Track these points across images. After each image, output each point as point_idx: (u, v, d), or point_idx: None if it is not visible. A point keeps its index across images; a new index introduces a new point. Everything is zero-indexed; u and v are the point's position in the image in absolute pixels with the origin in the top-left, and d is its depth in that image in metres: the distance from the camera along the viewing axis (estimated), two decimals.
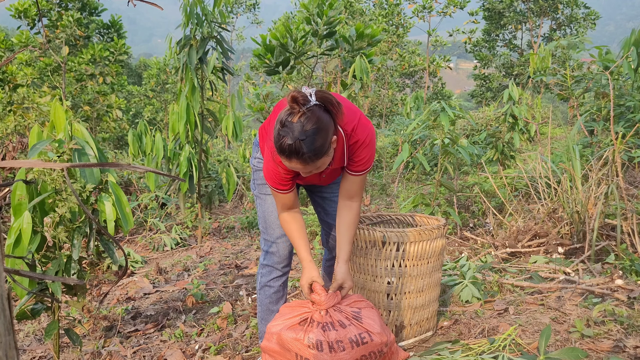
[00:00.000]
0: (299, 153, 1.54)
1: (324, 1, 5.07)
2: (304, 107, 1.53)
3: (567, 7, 18.14)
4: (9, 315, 0.55)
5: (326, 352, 1.69)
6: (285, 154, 1.56)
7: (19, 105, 6.87)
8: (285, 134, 1.53)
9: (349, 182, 1.85)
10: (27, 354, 2.64)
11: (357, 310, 1.81)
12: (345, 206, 1.88)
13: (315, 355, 1.70)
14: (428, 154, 4.99)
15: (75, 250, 2.02)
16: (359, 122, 1.74)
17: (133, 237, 5.21)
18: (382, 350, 1.76)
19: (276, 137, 1.56)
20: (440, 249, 2.15)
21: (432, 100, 14.91)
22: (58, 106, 2.08)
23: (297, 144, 1.52)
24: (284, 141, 1.53)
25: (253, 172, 2.12)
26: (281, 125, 1.54)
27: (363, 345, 1.71)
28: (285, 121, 1.54)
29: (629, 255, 2.71)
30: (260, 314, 2.12)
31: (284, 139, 1.53)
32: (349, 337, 1.71)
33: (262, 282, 2.09)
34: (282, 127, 1.54)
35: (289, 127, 1.53)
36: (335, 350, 1.69)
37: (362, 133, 1.74)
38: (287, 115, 1.54)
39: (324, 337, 1.71)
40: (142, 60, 23.23)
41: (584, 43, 5.93)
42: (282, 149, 1.55)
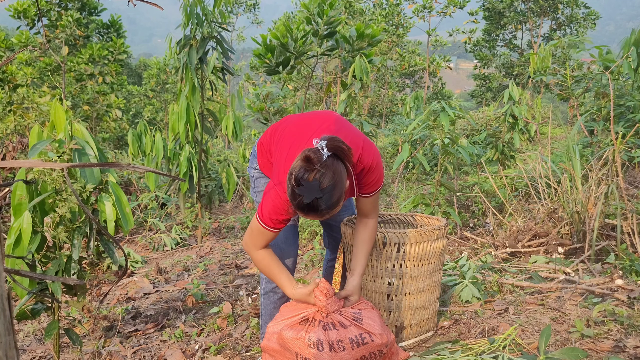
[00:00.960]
0: (317, 210, 1.55)
1: (325, 1, 5.07)
2: (318, 164, 1.52)
3: (567, 7, 18.13)
4: (9, 315, 0.55)
5: (326, 351, 1.69)
6: (303, 211, 1.57)
7: (19, 105, 6.87)
8: (302, 193, 1.52)
9: (362, 203, 1.87)
10: (27, 354, 2.64)
11: (358, 311, 1.81)
12: (361, 223, 1.92)
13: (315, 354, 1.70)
14: (428, 154, 4.99)
15: (75, 250, 2.02)
16: (363, 149, 1.75)
17: (133, 237, 5.21)
18: (383, 350, 1.76)
19: (291, 195, 1.55)
20: (440, 250, 2.14)
21: (432, 100, 14.92)
22: (58, 106, 2.08)
23: (314, 202, 1.53)
24: (301, 200, 1.53)
25: (252, 180, 2.11)
26: (296, 184, 1.53)
27: (363, 346, 1.71)
28: (301, 180, 1.52)
29: (629, 255, 2.71)
30: (263, 317, 2.12)
31: (300, 198, 1.53)
32: (350, 337, 1.71)
33: (266, 288, 2.09)
34: (297, 186, 1.53)
35: (305, 186, 1.52)
36: (336, 350, 1.69)
37: (367, 159, 1.75)
38: (303, 173, 1.52)
39: (324, 337, 1.71)
40: (142, 60, 23.23)
41: (584, 43, 5.93)
42: (300, 207, 1.56)
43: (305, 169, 1.53)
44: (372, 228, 1.91)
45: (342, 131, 1.76)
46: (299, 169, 1.54)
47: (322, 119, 1.85)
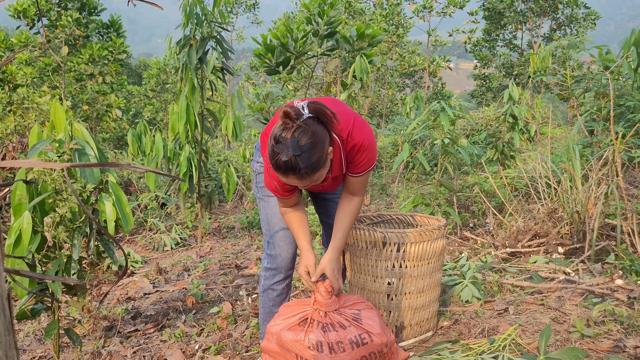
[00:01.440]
0: (296, 169, 1.51)
1: (325, 1, 5.07)
2: (297, 121, 1.50)
3: (567, 7, 18.13)
4: (9, 315, 0.55)
5: (326, 353, 1.69)
6: (281, 170, 1.52)
7: (19, 105, 6.87)
8: (280, 151, 1.50)
9: (350, 182, 1.84)
10: (27, 354, 2.64)
11: (357, 311, 1.81)
12: (346, 198, 1.88)
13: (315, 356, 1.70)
14: (428, 154, 4.99)
15: (76, 250, 2.02)
16: (354, 126, 1.71)
17: (133, 237, 5.21)
18: (382, 350, 1.76)
19: (271, 153, 1.53)
20: (440, 250, 2.14)
21: (432, 100, 14.92)
22: (58, 106, 2.08)
23: (292, 160, 1.49)
24: (279, 158, 1.50)
25: (255, 175, 2.11)
26: (275, 141, 1.51)
27: (363, 346, 1.71)
28: (279, 137, 1.50)
29: (629, 255, 2.71)
30: (262, 315, 2.12)
31: (278, 156, 1.50)
32: (349, 337, 1.71)
33: (265, 285, 2.09)
34: (276, 144, 1.51)
35: (283, 143, 1.49)
36: (336, 351, 1.69)
37: (358, 137, 1.71)
38: (281, 131, 1.51)
39: (324, 338, 1.71)
40: (142, 60, 23.23)
41: (584, 43, 5.93)
42: (277, 166, 1.52)
43: (283, 127, 1.51)
44: (356, 203, 1.87)
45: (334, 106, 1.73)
46: (278, 127, 1.52)
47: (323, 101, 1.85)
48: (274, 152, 1.52)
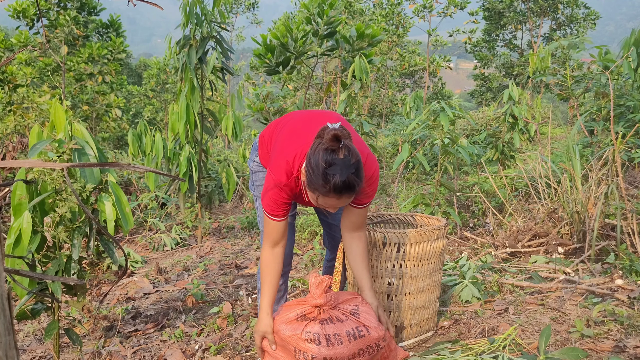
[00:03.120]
0: (353, 186, 1.54)
1: (325, 1, 5.07)
2: (344, 140, 1.54)
3: (567, 7, 18.13)
4: (9, 315, 0.55)
5: (324, 345, 1.70)
6: (338, 191, 1.54)
7: (19, 105, 6.87)
8: (335, 172, 1.52)
9: (354, 214, 1.85)
10: (27, 354, 2.64)
11: (355, 307, 1.82)
12: (353, 238, 1.89)
13: (313, 348, 1.71)
14: (428, 154, 4.99)
15: (75, 250, 2.02)
16: (367, 157, 1.75)
17: (133, 237, 5.21)
18: (379, 344, 1.76)
19: (323, 178, 1.53)
20: (440, 250, 2.14)
21: (432, 100, 14.91)
22: (58, 106, 2.08)
23: (350, 178, 1.53)
24: (336, 180, 1.52)
25: (252, 173, 2.14)
26: (327, 164, 1.52)
27: (360, 339, 1.71)
28: (331, 160, 1.52)
29: (629, 255, 2.71)
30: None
31: (335, 178, 1.52)
32: (346, 330, 1.72)
33: None
34: (329, 167, 1.52)
35: (337, 164, 1.52)
36: (333, 344, 1.69)
37: (370, 168, 1.75)
38: (331, 154, 1.53)
39: (321, 331, 1.72)
40: (142, 60, 23.23)
41: (584, 43, 5.93)
42: (336, 188, 1.53)
43: (332, 149, 1.53)
44: (365, 241, 1.91)
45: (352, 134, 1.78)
46: (325, 150, 1.53)
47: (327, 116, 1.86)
48: (327, 175, 1.52)
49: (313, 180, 1.56)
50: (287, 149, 1.74)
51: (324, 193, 1.56)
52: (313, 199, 1.64)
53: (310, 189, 1.61)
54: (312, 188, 1.58)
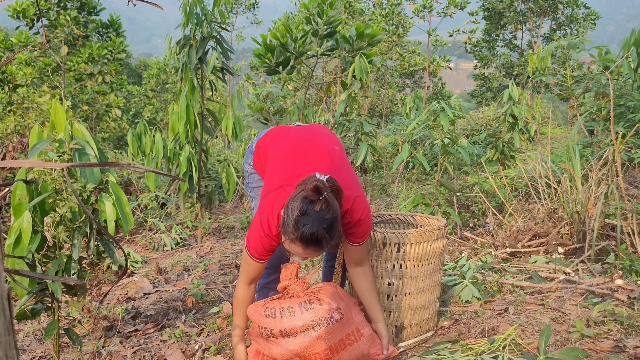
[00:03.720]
0: (320, 241, 1.54)
1: (324, 1, 5.07)
2: (324, 194, 1.54)
3: (567, 7, 18.13)
4: (9, 315, 0.55)
5: (278, 318, 1.77)
6: (304, 242, 1.55)
7: (19, 105, 6.87)
8: (307, 222, 1.52)
9: (353, 251, 1.88)
10: (27, 354, 2.64)
11: (319, 288, 1.87)
12: (357, 273, 1.92)
13: (268, 322, 1.79)
14: (428, 154, 4.99)
15: (76, 250, 2.02)
16: (354, 204, 1.75)
17: (133, 237, 5.21)
18: (333, 316, 1.77)
19: (293, 225, 1.54)
20: (440, 250, 2.14)
21: (432, 100, 14.91)
22: (58, 106, 2.08)
23: (319, 232, 1.53)
24: (305, 230, 1.53)
25: (246, 175, 2.15)
26: (301, 213, 1.53)
27: (311, 310, 1.76)
28: (306, 210, 1.53)
29: (629, 255, 2.71)
30: None
31: (305, 228, 1.53)
32: (299, 302, 1.79)
33: (260, 284, 2.12)
34: (302, 216, 1.53)
35: (311, 215, 1.52)
36: (285, 314, 1.77)
37: (356, 214, 1.76)
38: (308, 204, 1.53)
39: (277, 305, 1.81)
40: (142, 60, 23.23)
41: (584, 43, 5.93)
42: (303, 237, 1.54)
43: (311, 199, 1.53)
44: (370, 275, 1.93)
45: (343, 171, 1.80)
46: (304, 199, 1.54)
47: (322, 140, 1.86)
48: (298, 223, 1.53)
49: (285, 223, 1.57)
50: (277, 197, 1.72)
51: (291, 239, 1.57)
52: (282, 241, 1.65)
53: (281, 231, 1.62)
54: (282, 231, 1.60)
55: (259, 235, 1.73)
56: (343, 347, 1.80)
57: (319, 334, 1.75)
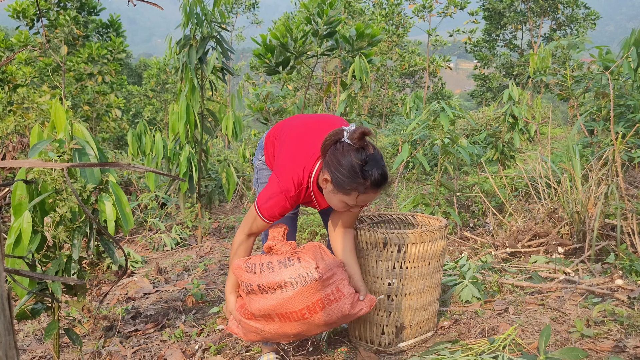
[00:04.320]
0: (387, 177, 1.66)
1: (324, 1, 5.07)
2: (366, 139, 1.64)
3: (567, 7, 18.13)
4: (9, 315, 0.55)
5: (257, 272, 1.79)
6: (377, 185, 1.64)
7: (19, 105, 6.87)
8: (372, 167, 1.61)
9: (349, 216, 1.94)
10: (27, 354, 2.64)
11: (302, 248, 1.90)
12: (346, 233, 1.98)
13: (248, 277, 1.82)
14: (428, 154, 4.99)
15: (76, 250, 2.02)
16: None
17: (133, 237, 5.21)
18: (311, 274, 1.75)
19: (362, 176, 1.61)
20: (441, 250, 2.14)
21: (432, 100, 14.91)
22: (58, 106, 2.08)
23: (384, 170, 1.65)
24: (375, 175, 1.62)
25: (256, 170, 2.17)
26: (364, 162, 1.61)
27: (290, 267, 1.77)
28: (365, 157, 1.61)
29: (629, 255, 2.71)
30: None
31: (374, 173, 1.61)
32: (278, 259, 1.81)
33: None
34: (366, 164, 1.61)
35: (371, 160, 1.62)
36: (264, 270, 1.79)
37: None
38: (362, 152, 1.62)
39: (258, 261, 1.83)
40: (142, 60, 23.24)
41: (584, 43, 5.93)
42: (375, 182, 1.62)
43: (362, 147, 1.63)
44: (353, 237, 2.03)
45: None
46: (357, 150, 1.62)
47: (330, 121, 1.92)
48: (365, 172, 1.61)
49: (348, 181, 1.62)
50: (295, 160, 1.78)
51: (363, 191, 1.63)
52: (343, 201, 1.69)
53: (343, 192, 1.66)
54: (347, 190, 1.64)
55: (273, 194, 1.77)
56: (321, 307, 1.77)
57: (296, 292, 1.73)
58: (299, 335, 1.85)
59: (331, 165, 1.65)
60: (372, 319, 2.12)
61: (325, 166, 1.69)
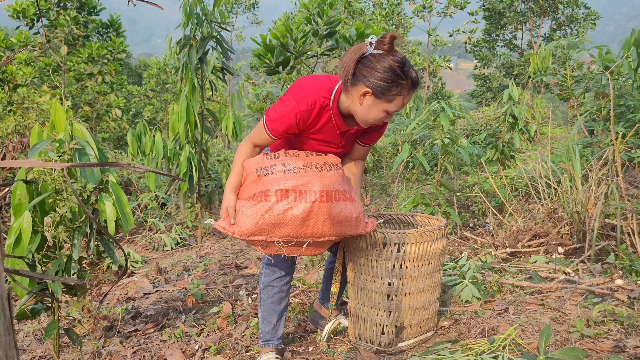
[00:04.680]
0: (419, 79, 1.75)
1: (324, 1, 5.07)
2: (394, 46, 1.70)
3: (567, 7, 18.14)
4: (9, 315, 0.55)
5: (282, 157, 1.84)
6: (415, 84, 1.71)
7: (19, 105, 6.87)
8: (409, 68, 1.69)
9: (359, 150, 2.03)
10: (27, 354, 2.64)
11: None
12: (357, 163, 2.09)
13: (270, 161, 1.83)
14: (428, 154, 4.99)
15: (76, 250, 2.02)
16: None
17: (133, 237, 5.21)
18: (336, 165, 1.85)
19: (404, 76, 1.67)
20: (441, 250, 2.14)
21: (432, 100, 14.91)
22: (58, 106, 2.08)
23: (417, 72, 1.74)
24: (412, 74, 1.69)
25: None
26: (402, 64, 1.67)
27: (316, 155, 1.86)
28: (401, 59, 1.68)
29: (629, 255, 2.71)
30: (262, 313, 2.11)
31: (411, 72, 1.69)
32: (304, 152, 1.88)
33: (265, 282, 2.08)
34: (403, 65, 1.67)
35: (406, 61, 1.69)
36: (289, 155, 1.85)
37: None
38: (396, 55, 1.68)
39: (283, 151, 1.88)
40: (142, 60, 23.24)
41: (584, 43, 5.93)
42: (414, 82, 1.70)
43: (394, 51, 1.68)
44: (363, 167, 2.11)
45: None
46: (392, 54, 1.67)
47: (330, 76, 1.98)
48: (405, 72, 1.68)
49: (390, 85, 1.67)
50: (310, 85, 1.80)
51: (407, 92, 1.70)
52: (385, 110, 1.73)
53: (386, 99, 1.70)
54: (391, 94, 1.69)
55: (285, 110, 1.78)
56: (337, 199, 1.80)
57: (320, 173, 1.79)
58: (303, 233, 1.79)
59: (367, 75, 1.67)
60: (372, 319, 2.12)
61: (356, 81, 1.70)
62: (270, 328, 2.09)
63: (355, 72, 1.69)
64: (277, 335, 2.12)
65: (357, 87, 1.71)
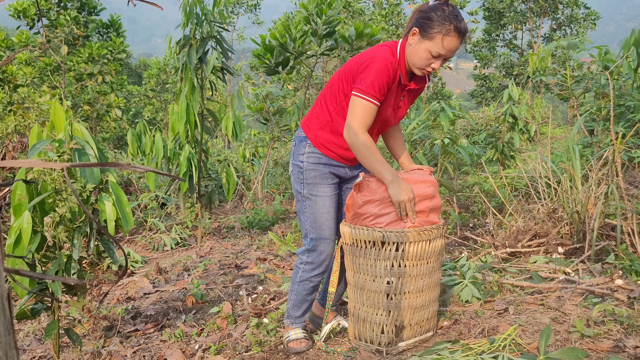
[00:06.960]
0: (468, 30, 1.88)
1: (323, 1, 5.07)
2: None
3: (567, 7, 18.14)
4: (9, 315, 0.55)
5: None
6: (460, 31, 1.83)
7: (19, 105, 6.87)
8: (459, 20, 1.83)
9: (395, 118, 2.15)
10: (27, 354, 2.64)
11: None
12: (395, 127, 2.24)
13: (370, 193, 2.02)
14: (428, 154, 4.99)
15: (76, 250, 2.02)
16: None
17: (133, 237, 5.21)
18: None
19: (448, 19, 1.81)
20: (439, 249, 2.15)
21: (432, 100, 14.89)
22: (58, 106, 2.08)
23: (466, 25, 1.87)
24: (459, 22, 1.82)
25: (300, 172, 2.08)
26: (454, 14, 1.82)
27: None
28: (455, 10, 1.83)
29: (629, 255, 2.71)
30: (294, 301, 2.23)
31: (460, 21, 1.82)
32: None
33: (302, 277, 2.18)
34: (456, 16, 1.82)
35: (459, 13, 1.84)
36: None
37: None
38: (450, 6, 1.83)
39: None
40: (142, 60, 23.25)
41: (584, 43, 5.92)
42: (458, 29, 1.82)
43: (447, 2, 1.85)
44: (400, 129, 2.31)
45: None
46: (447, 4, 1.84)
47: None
48: (453, 17, 1.81)
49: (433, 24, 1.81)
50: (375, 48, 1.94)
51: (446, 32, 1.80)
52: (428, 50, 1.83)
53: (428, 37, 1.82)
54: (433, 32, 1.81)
55: (374, 70, 1.84)
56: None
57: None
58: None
59: (419, 18, 1.86)
60: (372, 319, 2.12)
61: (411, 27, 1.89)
62: (300, 313, 2.25)
63: (413, 20, 1.89)
64: (304, 318, 2.29)
65: (411, 31, 1.89)
